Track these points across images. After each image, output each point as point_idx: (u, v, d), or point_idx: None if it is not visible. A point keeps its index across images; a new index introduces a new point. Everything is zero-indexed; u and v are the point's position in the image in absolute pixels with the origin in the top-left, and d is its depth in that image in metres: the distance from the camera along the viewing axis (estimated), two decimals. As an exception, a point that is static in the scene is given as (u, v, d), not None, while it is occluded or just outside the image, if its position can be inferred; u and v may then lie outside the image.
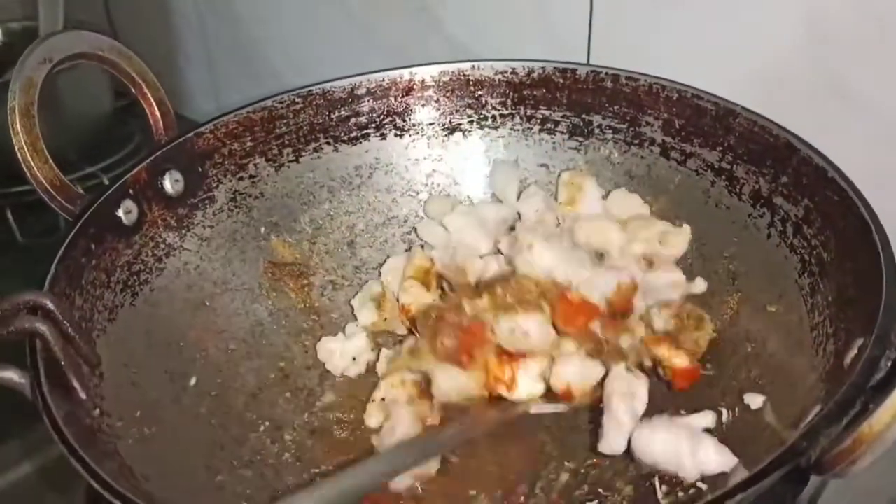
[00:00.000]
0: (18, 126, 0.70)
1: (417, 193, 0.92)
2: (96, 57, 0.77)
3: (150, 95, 0.80)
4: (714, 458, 0.59)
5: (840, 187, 0.65)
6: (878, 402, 0.45)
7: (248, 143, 0.84)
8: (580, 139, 0.87)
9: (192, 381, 0.72)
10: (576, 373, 0.71)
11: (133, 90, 0.80)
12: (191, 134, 0.80)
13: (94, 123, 1.33)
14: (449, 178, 0.91)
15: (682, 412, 0.70)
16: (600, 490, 0.66)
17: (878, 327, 0.53)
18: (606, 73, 0.84)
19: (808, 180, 0.69)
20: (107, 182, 1.08)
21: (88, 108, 1.32)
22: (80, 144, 1.28)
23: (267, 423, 0.74)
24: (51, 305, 0.59)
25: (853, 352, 0.54)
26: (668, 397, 0.72)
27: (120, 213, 0.73)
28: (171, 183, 0.78)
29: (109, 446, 0.59)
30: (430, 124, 0.90)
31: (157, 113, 0.80)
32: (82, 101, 1.30)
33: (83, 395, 0.60)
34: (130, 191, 0.74)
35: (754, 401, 0.65)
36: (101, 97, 1.31)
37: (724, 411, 0.67)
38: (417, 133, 0.91)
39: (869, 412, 0.44)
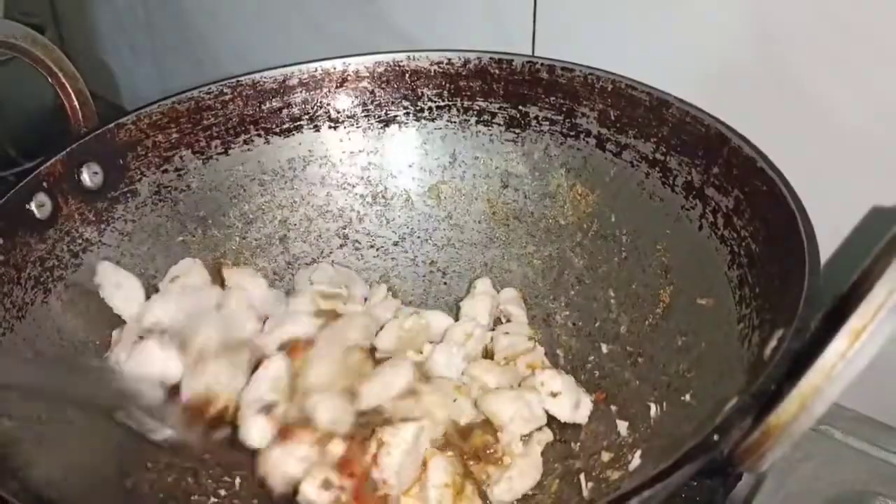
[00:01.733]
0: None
1: (353, 187, 0.90)
2: (7, 45, 0.74)
3: (67, 85, 0.77)
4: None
5: (769, 177, 0.64)
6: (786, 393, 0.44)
7: (174, 135, 0.81)
8: (517, 131, 0.85)
9: (107, 382, 0.70)
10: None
11: (50, 80, 0.77)
12: (111, 125, 0.77)
13: (33, 119, 1.29)
14: (385, 172, 0.89)
15: (613, 407, 0.70)
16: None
17: (798, 319, 0.51)
18: (542, 64, 0.83)
19: (739, 171, 0.68)
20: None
21: (26, 103, 1.28)
22: (18, 140, 1.25)
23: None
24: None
25: (773, 343, 0.53)
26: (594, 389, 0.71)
27: (32, 206, 0.70)
28: (89, 176, 0.75)
29: (4, 450, 0.56)
30: (366, 116, 0.88)
31: (76, 103, 0.78)
32: (20, 96, 1.26)
33: (-22, 396, 0.57)
34: (44, 184, 0.72)
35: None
36: (41, 92, 1.28)
37: (653, 406, 0.66)
38: (352, 125, 0.88)
39: (776, 403, 0.42)
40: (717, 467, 0.50)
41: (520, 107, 0.85)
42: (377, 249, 0.89)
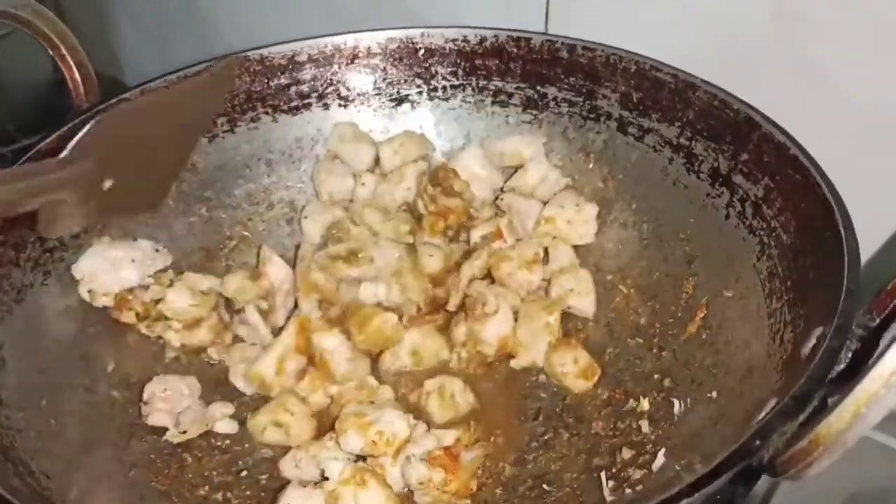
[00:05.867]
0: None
1: (364, 168, 0.87)
2: (9, 15, 0.71)
3: (69, 58, 0.74)
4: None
5: (802, 165, 0.62)
6: (838, 397, 0.41)
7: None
8: (534, 112, 0.82)
9: (111, 367, 0.67)
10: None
11: (51, 52, 0.74)
12: (113, 100, 0.74)
13: (32, 95, 1.27)
14: (396, 153, 0.86)
15: (633, 402, 0.67)
16: (545, 485, 0.62)
17: (839, 315, 0.49)
18: (562, 43, 0.80)
19: (769, 158, 0.65)
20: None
21: (25, 78, 1.26)
22: (17, 116, 1.22)
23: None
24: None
25: (812, 341, 0.50)
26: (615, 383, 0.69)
27: (32, 184, 0.67)
28: (91, 153, 0.72)
29: (6, 440, 0.54)
30: (377, 94, 0.85)
31: (77, 77, 0.75)
32: (18, 71, 1.24)
33: (-24, 384, 0.54)
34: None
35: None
36: (38, 68, 1.25)
37: (677, 402, 0.64)
38: (363, 104, 0.85)
39: (827, 410, 0.40)
40: (752, 474, 0.48)
41: (538, 87, 0.82)
42: (387, 233, 0.86)
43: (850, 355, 0.47)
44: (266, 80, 0.82)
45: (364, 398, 0.67)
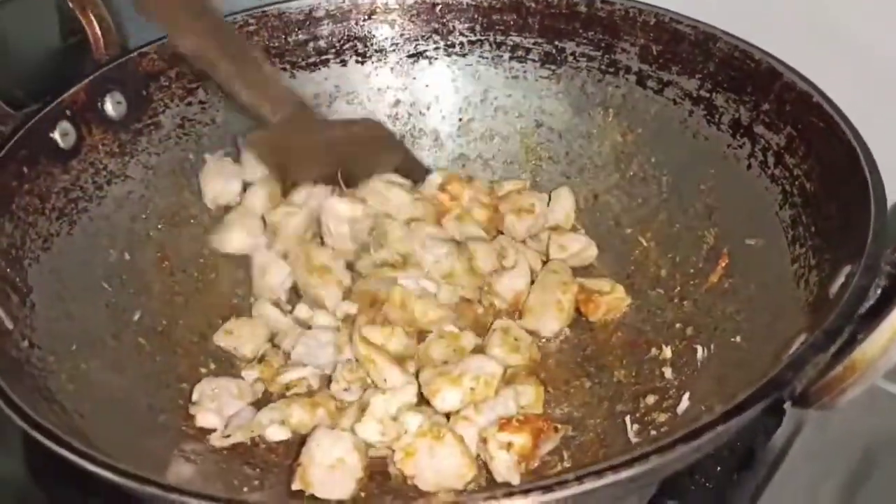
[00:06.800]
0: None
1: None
2: (28, -33, 0.71)
3: (89, 11, 0.74)
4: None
5: (826, 113, 0.62)
6: (868, 330, 0.42)
7: (198, 66, 0.78)
8: (552, 67, 0.82)
9: (137, 316, 0.68)
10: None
11: (71, 5, 0.74)
12: (134, 53, 0.74)
13: (43, 60, 1.26)
14: (414, 108, 0.87)
15: (655, 350, 0.68)
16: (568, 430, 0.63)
17: (867, 255, 0.50)
18: (581, -4, 0.79)
19: (792, 107, 0.65)
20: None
21: (36, 44, 1.25)
22: (28, 82, 1.21)
23: (218, 362, 0.70)
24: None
25: (840, 280, 0.51)
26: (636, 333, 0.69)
27: (56, 135, 0.68)
28: (112, 105, 0.72)
29: (39, 381, 0.54)
30: (394, 50, 0.85)
31: (98, 30, 0.74)
32: (29, 37, 1.23)
33: (10, 325, 0.55)
34: (67, 112, 0.69)
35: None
36: (49, 33, 1.25)
37: (700, 348, 0.64)
38: (380, 60, 0.85)
39: (858, 340, 0.41)
40: (775, 408, 0.48)
41: (556, 42, 0.81)
42: (404, 190, 0.86)
43: (878, 292, 0.48)
44: (284, 36, 0.82)
45: (447, 346, 0.67)
